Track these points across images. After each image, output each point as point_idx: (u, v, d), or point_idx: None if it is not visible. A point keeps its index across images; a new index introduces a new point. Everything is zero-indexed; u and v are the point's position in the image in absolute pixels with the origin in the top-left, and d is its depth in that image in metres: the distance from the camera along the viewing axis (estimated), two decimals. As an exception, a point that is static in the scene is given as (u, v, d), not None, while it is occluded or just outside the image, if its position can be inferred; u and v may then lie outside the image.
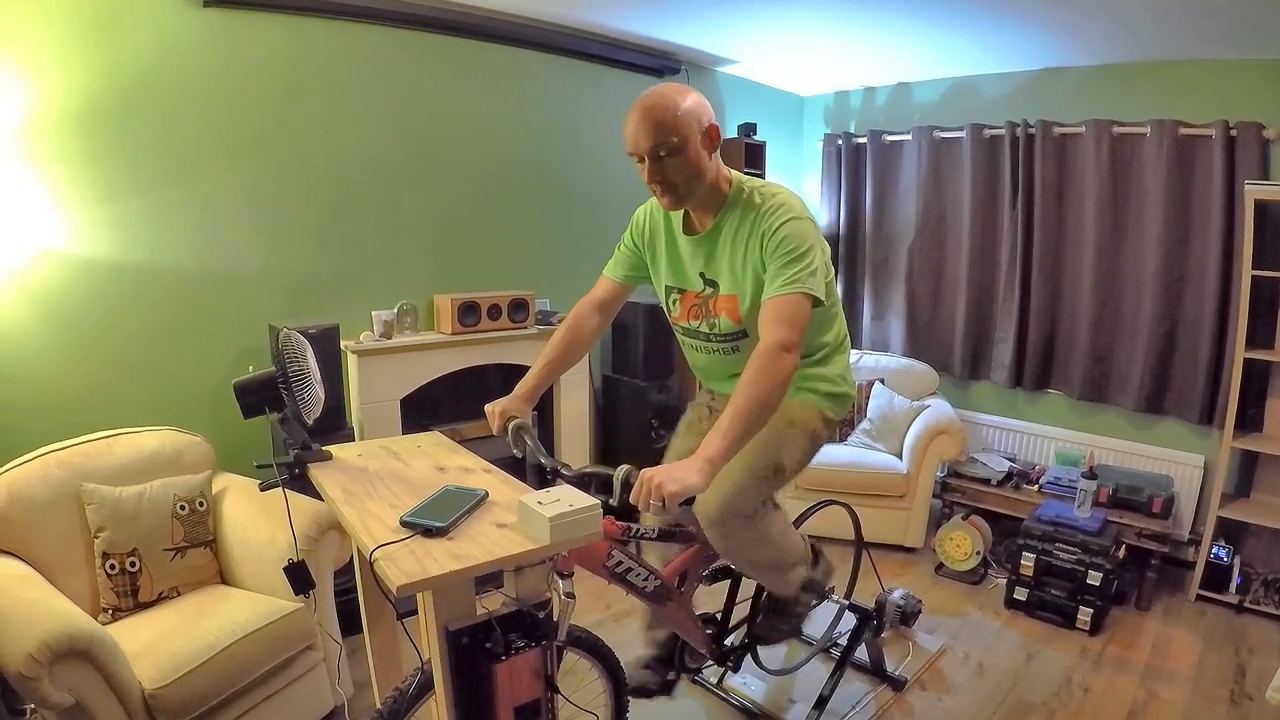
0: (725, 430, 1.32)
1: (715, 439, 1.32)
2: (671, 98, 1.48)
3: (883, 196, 4.33)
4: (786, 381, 1.40)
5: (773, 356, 1.39)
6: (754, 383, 1.37)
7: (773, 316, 1.45)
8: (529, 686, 1.27)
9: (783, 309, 1.45)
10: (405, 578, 1.08)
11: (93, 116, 2.34)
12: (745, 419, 1.34)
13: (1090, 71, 3.55)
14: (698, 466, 1.28)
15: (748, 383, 1.37)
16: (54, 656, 1.54)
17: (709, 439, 1.33)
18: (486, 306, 3.21)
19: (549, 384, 1.83)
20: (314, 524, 2.07)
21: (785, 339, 1.41)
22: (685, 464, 1.29)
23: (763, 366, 1.38)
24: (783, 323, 1.43)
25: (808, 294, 1.46)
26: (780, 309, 1.45)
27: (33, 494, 1.99)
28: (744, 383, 1.38)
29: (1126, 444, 3.61)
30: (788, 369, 1.39)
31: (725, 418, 1.34)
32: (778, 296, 1.47)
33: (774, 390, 1.38)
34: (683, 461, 1.30)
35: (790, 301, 1.45)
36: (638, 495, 1.28)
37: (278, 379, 1.61)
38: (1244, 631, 2.88)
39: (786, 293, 1.46)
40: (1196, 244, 3.30)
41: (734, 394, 1.38)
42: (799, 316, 1.45)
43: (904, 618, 2.66)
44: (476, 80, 3.24)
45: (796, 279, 1.46)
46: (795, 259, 1.47)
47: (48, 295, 2.33)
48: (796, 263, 1.47)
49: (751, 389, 1.36)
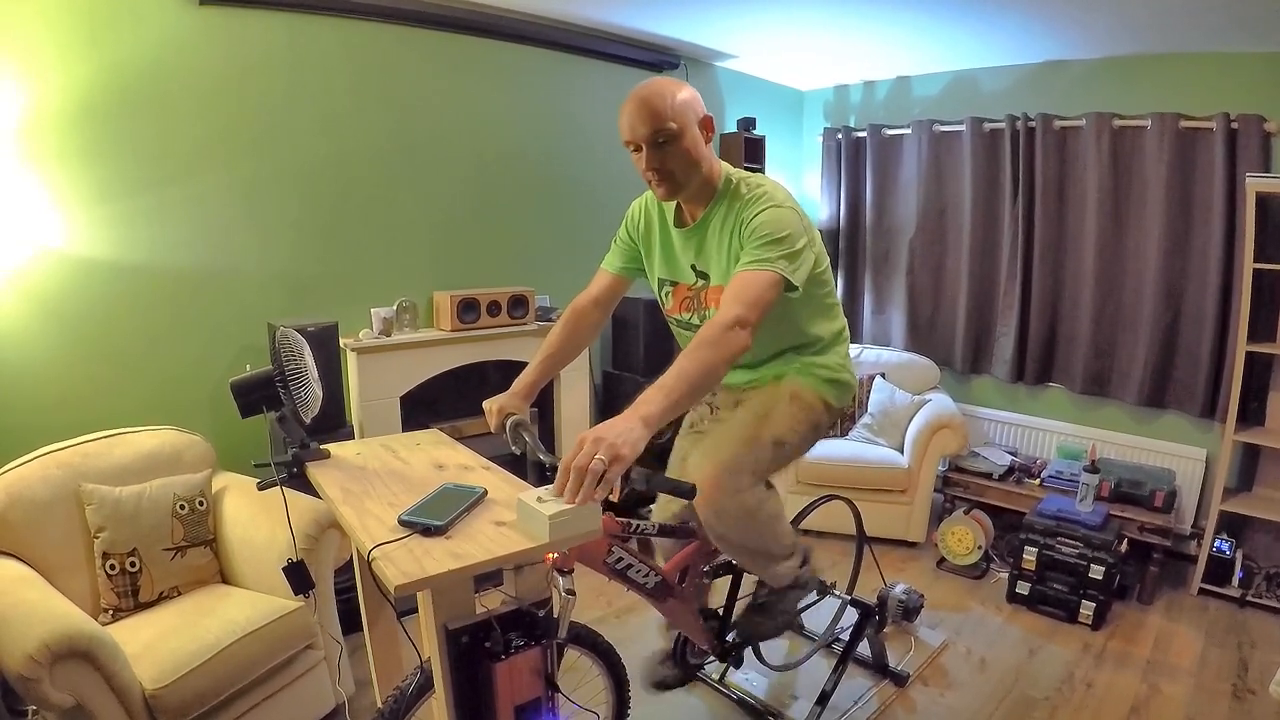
0: (667, 389, 1.24)
1: (656, 396, 1.23)
2: (668, 86, 1.49)
3: (883, 191, 4.32)
4: (734, 358, 1.33)
5: (727, 328, 1.33)
6: (705, 347, 1.31)
7: (734, 292, 1.40)
8: (529, 685, 1.26)
9: (746, 286, 1.40)
10: (403, 577, 1.07)
11: (91, 115, 2.33)
12: (689, 382, 1.27)
13: (1091, 64, 3.53)
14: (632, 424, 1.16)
15: (699, 346, 1.31)
16: (54, 657, 1.54)
17: (648, 395, 1.23)
18: (486, 303, 3.20)
19: (547, 380, 1.82)
20: (314, 523, 2.07)
21: (742, 316, 1.35)
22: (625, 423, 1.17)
23: (715, 337, 1.32)
24: (742, 300, 1.37)
25: (777, 274, 1.42)
26: (744, 285, 1.40)
27: (32, 494, 1.99)
28: (694, 345, 1.32)
29: (1128, 438, 3.61)
30: (738, 347, 1.33)
31: (669, 376, 1.27)
32: (743, 271, 1.43)
33: (723, 363, 1.32)
34: (613, 421, 1.17)
35: (755, 279, 1.41)
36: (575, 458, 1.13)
37: (275, 378, 1.60)
38: (1246, 626, 2.88)
39: (753, 269, 1.42)
40: (1198, 237, 3.29)
41: (681, 356, 1.31)
42: (762, 299, 1.39)
43: (906, 613, 2.65)
44: (474, 76, 3.23)
45: (766, 259, 1.43)
46: (769, 242, 1.44)
47: (46, 295, 2.33)
48: (770, 246, 1.44)
49: (702, 353, 1.30)
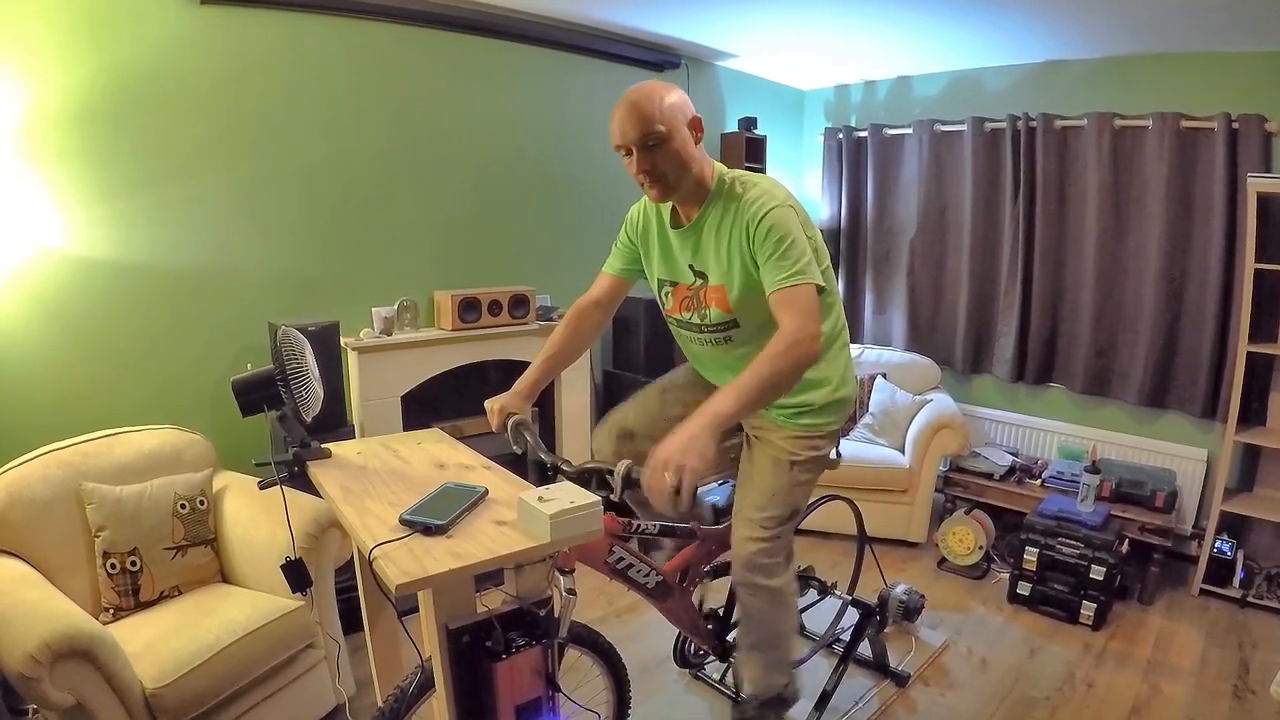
0: (739, 391, 1.32)
1: (729, 396, 1.31)
2: (657, 90, 1.50)
3: (884, 191, 4.32)
4: (805, 369, 1.40)
5: (798, 342, 1.38)
6: (779, 356, 1.36)
7: (791, 308, 1.43)
8: (530, 685, 1.27)
9: (795, 299, 1.44)
10: (404, 577, 1.07)
11: (91, 115, 2.33)
12: (761, 386, 1.34)
13: (1091, 64, 3.53)
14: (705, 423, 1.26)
15: (772, 355, 1.37)
16: (54, 657, 1.54)
17: (720, 394, 1.32)
18: (487, 302, 3.20)
19: (549, 380, 1.83)
20: (314, 522, 2.07)
21: (813, 329, 1.40)
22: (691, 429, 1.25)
23: (790, 348, 1.37)
24: (804, 314, 1.42)
25: (814, 284, 1.46)
26: (793, 300, 1.44)
27: (33, 494, 1.99)
28: (769, 354, 1.37)
29: (1129, 438, 3.60)
30: (811, 357, 1.40)
31: (742, 379, 1.33)
32: (786, 288, 1.45)
33: (794, 371, 1.38)
34: (686, 426, 1.26)
35: (801, 294, 1.44)
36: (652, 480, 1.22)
37: (276, 377, 1.60)
38: (1247, 626, 2.88)
39: (794, 284, 1.45)
40: (1198, 237, 3.28)
41: (757, 360, 1.37)
42: (814, 309, 1.44)
43: (907, 613, 2.65)
44: (475, 75, 3.23)
45: (800, 270, 1.45)
46: (788, 249, 1.46)
47: (47, 295, 2.33)
48: (790, 252, 1.46)
49: (776, 361, 1.36)
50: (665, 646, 2.32)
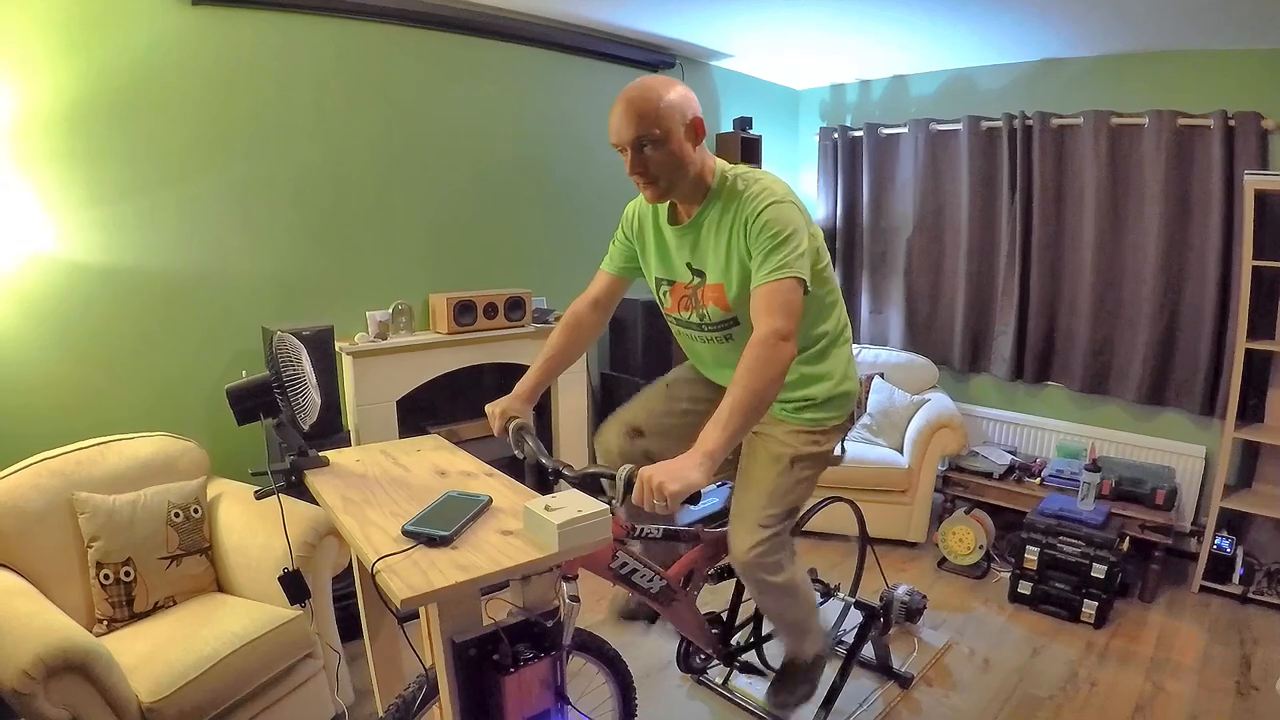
0: (724, 423, 1.29)
1: (714, 432, 1.29)
2: (656, 90, 1.45)
3: (880, 190, 4.31)
4: (784, 372, 1.37)
5: (769, 345, 1.35)
6: (751, 372, 1.34)
7: (765, 305, 1.41)
8: (538, 698, 1.24)
9: (774, 296, 1.41)
10: (409, 590, 1.04)
11: (81, 117, 2.29)
12: (744, 412, 1.31)
13: (1088, 62, 3.53)
14: (696, 461, 1.25)
15: (745, 373, 1.34)
16: (49, 672, 1.51)
17: (706, 432, 1.30)
18: (483, 305, 3.17)
19: (549, 382, 1.82)
20: (311, 530, 2.04)
21: (781, 328, 1.37)
22: (684, 460, 1.26)
23: (759, 356, 1.35)
24: (776, 311, 1.39)
25: (798, 278, 1.43)
26: (772, 296, 1.41)
27: (24, 504, 1.95)
28: (741, 373, 1.34)
29: (1128, 436, 3.61)
30: (785, 359, 1.36)
31: (723, 410, 1.31)
32: (768, 284, 1.43)
33: (773, 382, 1.35)
34: (680, 458, 1.27)
35: (781, 288, 1.41)
36: (639, 496, 1.25)
37: (272, 384, 1.57)
38: (1248, 622, 2.88)
39: (776, 279, 1.42)
40: (1196, 235, 3.28)
41: (731, 385, 1.34)
42: (792, 304, 1.41)
43: (909, 614, 2.64)
44: (469, 76, 3.20)
45: (784, 264, 1.42)
46: (780, 243, 1.44)
47: (37, 300, 2.29)
48: (782, 247, 1.43)
49: (749, 379, 1.33)
50: (668, 651, 2.30)
